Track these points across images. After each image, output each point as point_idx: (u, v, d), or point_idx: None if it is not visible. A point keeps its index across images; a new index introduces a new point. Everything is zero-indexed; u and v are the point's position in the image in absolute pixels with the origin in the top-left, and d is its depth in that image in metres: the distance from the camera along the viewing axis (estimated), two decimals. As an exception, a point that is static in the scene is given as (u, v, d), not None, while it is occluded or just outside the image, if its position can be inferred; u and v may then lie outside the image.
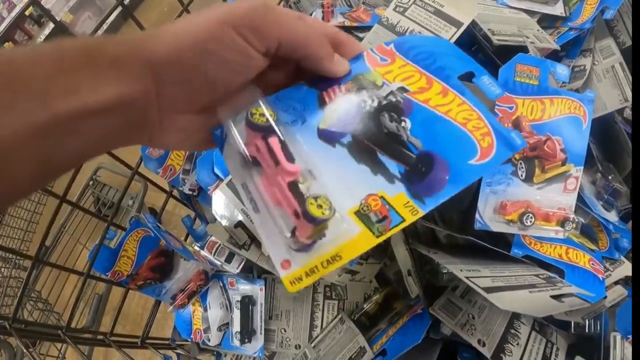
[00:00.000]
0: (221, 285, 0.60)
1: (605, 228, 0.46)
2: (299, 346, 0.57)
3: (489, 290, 0.34)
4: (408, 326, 0.48)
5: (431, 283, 0.50)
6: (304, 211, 0.23)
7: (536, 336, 0.45)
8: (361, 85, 0.29)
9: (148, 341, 0.66)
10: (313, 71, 0.29)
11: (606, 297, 0.43)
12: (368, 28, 0.51)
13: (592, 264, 0.43)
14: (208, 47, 0.24)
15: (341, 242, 0.24)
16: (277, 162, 0.25)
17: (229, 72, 0.26)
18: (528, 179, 0.42)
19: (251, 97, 0.27)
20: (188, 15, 0.26)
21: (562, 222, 0.42)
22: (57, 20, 0.65)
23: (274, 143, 0.25)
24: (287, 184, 0.24)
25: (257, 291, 0.57)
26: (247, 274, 0.60)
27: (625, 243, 0.46)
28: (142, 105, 0.24)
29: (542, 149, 0.42)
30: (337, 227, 0.24)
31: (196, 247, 0.58)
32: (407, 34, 0.47)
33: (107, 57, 0.22)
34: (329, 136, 0.28)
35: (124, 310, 0.66)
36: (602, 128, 0.49)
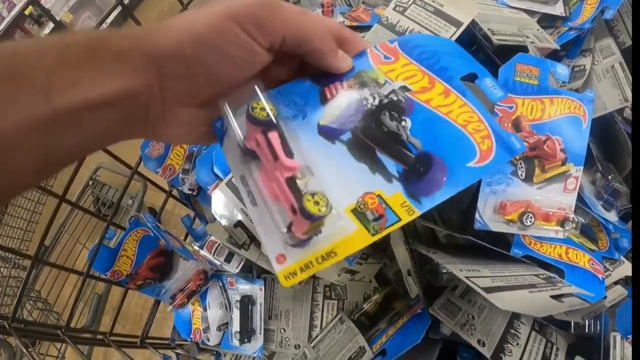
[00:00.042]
0: (220, 285, 0.60)
1: (605, 228, 0.46)
2: (299, 346, 0.56)
3: (489, 290, 0.34)
4: (408, 326, 0.48)
5: (431, 283, 0.50)
6: (301, 207, 0.23)
7: (536, 336, 0.45)
8: (363, 82, 0.29)
9: (147, 341, 0.66)
10: (316, 66, 0.29)
11: (606, 297, 0.43)
12: (368, 28, 0.51)
13: (592, 264, 0.43)
14: (210, 41, 0.24)
15: (337, 239, 0.24)
16: (276, 157, 0.25)
17: (233, 68, 0.26)
18: (528, 179, 0.42)
19: (253, 91, 0.27)
20: (192, 9, 0.25)
21: (562, 222, 0.42)
22: (57, 20, 0.65)
23: (274, 138, 0.25)
24: (285, 180, 0.24)
25: (257, 291, 0.57)
26: (247, 274, 0.60)
27: (625, 243, 0.46)
28: (145, 98, 0.24)
29: (542, 149, 0.42)
30: (334, 224, 0.24)
31: (196, 247, 0.58)
32: (407, 34, 0.46)
33: (111, 51, 0.22)
34: (329, 132, 0.28)
35: (124, 310, 0.66)
36: (602, 128, 0.49)
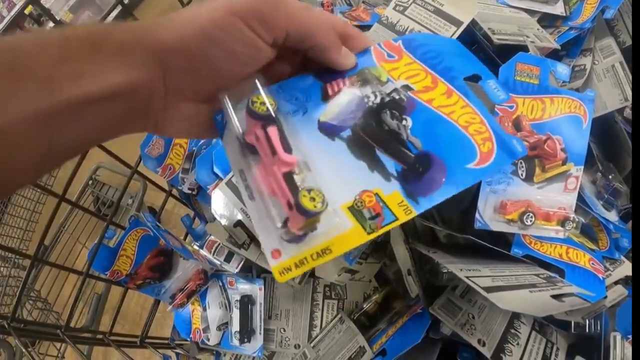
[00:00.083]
0: (220, 284, 0.60)
1: (605, 228, 0.46)
2: (299, 346, 0.56)
3: (489, 289, 0.34)
4: (408, 326, 0.48)
5: (431, 282, 0.50)
6: (297, 203, 0.23)
7: (536, 336, 0.45)
8: (366, 79, 0.29)
9: (147, 340, 0.66)
10: (319, 62, 0.29)
11: (606, 297, 0.43)
12: (368, 27, 0.51)
13: (593, 264, 0.43)
14: (214, 37, 0.24)
15: (332, 236, 0.24)
16: (275, 152, 0.25)
17: (236, 63, 0.25)
18: (528, 179, 0.42)
19: (254, 85, 0.27)
20: (196, 4, 0.25)
21: (563, 222, 0.42)
22: (57, 19, 0.65)
23: (273, 132, 0.25)
24: (283, 175, 0.24)
25: (257, 291, 0.57)
26: (247, 274, 0.60)
27: (625, 243, 0.46)
28: (147, 92, 0.24)
29: (543, 148, 0.42)
30: (330, 221, 0.24)
31: (195, 247, 0.58)
32: (407, 33, 0.46)
33: (113, 44, 0.22)
34: (329, 129, 0.27)
35: (123, 309, 0.66)
36: (603, 127, 0.48)
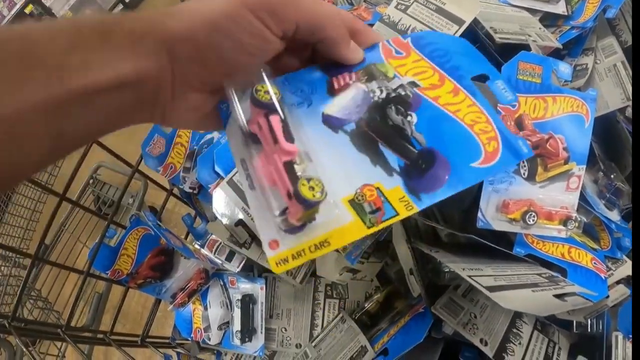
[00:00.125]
0: (221, 283, 0.60)
1: (607, 227, 0.46)
2: (300, 345, 0.56)
3: (492, 289, 0.34)
4: (410, 325, 0.48)
5: (433, 282, 0.50)
6: (295, 192, 0.23)
7: (538, 335, 0.45)
8: (372, 74, 0.29)
9: (148, 340, 0.66)
10: (328, 56, 0.29)
11: (608, 297, 0.43)
12: (369, 26, 0.51)
13: (595, 263, 0.43)
14: (223, 28, 0.24)
15: (331, 228, 0.24)
16: (276, 141, 0.24)
17: (245, 54, 0.25)
18: (530, 178, 0.42)
19: (259, 75, 0.26)
20: None
21: (565, 221, 0.42)
22: (58, 19, 0.65)
23: (275, 121, 0.25)
24: (283, 164, 0.24)
25: (258, 290, 0.57)
26: (248, 273, 0.60)
27: (627, 242, 0.46)
28: (155, 82, 0.24)
29: (545, 148, 0.42)
30: (329, 212, 0.24)
31: (196, 246, 0.58)
32: (409, 32, 0.46)
33: (123, 34, 0.22)
34: (333, 122, 0.27)
35: (124, 309, 0.66)
36: (604, 127, 0.48)
